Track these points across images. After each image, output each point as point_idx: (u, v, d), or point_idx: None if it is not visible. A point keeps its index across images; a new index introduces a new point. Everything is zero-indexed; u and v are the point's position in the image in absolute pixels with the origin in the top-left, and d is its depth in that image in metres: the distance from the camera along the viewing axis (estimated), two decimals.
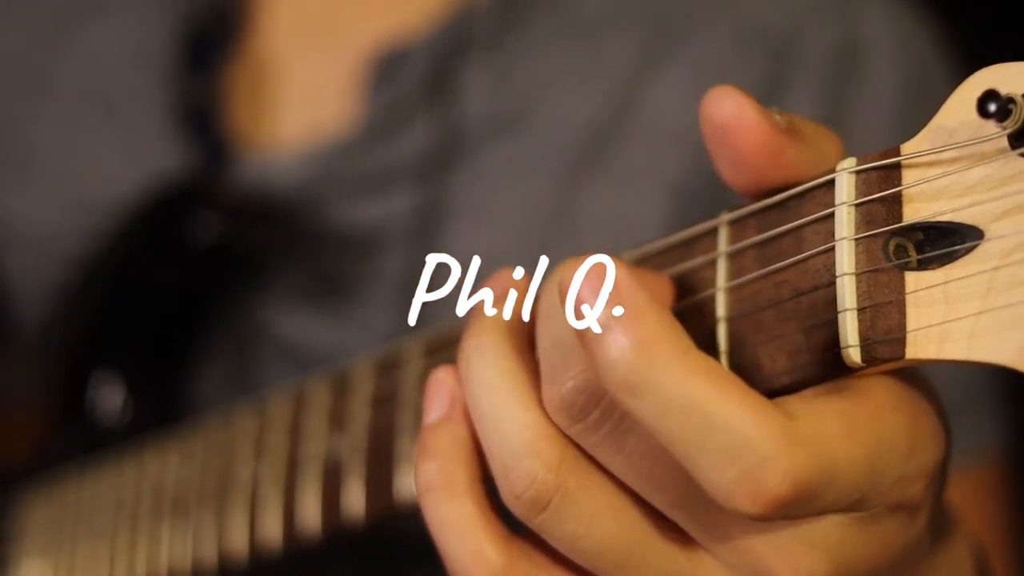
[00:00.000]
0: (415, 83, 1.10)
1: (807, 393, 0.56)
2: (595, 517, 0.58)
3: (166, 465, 0.96)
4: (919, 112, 0.56)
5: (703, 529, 0.58)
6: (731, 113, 0.57)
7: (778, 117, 0.58)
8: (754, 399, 0.53)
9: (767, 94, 1.07)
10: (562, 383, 0.57)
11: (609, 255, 0.55)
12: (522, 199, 1.08)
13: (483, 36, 1.10)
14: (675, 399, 0.52)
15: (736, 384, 0.53)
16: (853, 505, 0.56)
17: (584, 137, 1.08)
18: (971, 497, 1.08)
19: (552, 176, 1.08)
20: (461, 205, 1.08)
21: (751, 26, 1.08)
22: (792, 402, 0.55)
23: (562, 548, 0.59)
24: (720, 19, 1.09)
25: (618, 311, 0.53)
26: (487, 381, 0.59)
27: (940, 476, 0.60)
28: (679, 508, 0.58)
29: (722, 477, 0.52)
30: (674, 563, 0.58)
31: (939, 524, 0.64)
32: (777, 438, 0.52)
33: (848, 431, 0.54)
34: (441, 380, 0.63)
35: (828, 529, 0.57)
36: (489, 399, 0.59)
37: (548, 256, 0.70)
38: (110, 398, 1.08)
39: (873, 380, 0.56)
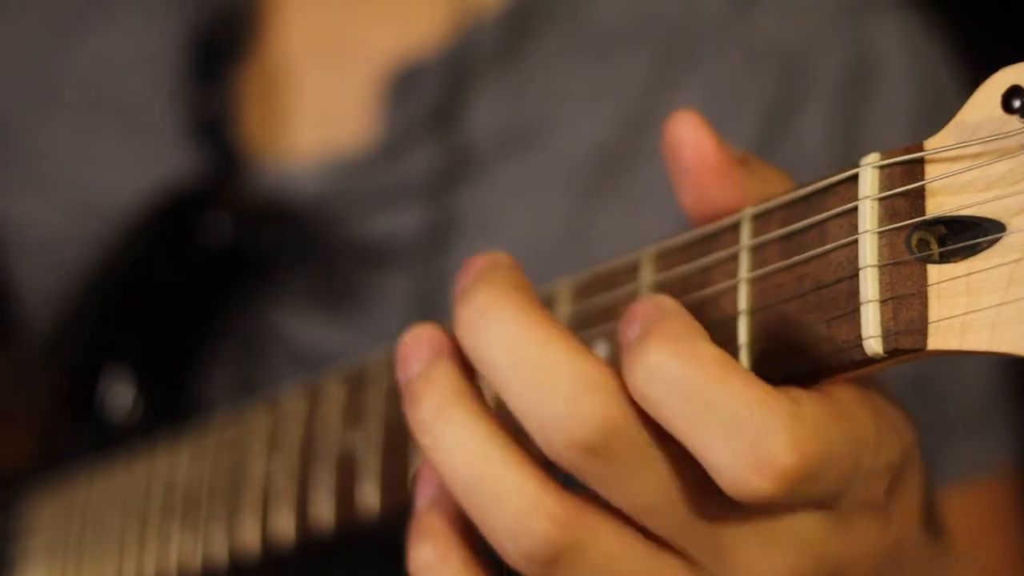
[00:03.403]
0: (430, 101, 1.10)
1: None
2: (607, 562, 0.58)
3: (177, 462, 0.97)
4: (934, 126, 0.57)
5: (702, 545, 0.59)
6: (689, 133, 0.64)
7: (732, 147, 0.64)
8: (760, 383, 0.55)
9: (780, 113, 1.07)
10: (579, 422, 0.56)
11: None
12: (533, 217, 1.08)
13: (492, 53, 1.10)
14: (686, 386, 0.54)
15: (741, 370, 0.55)
16: (839, 494, 0.58)
17: (596, 156, 1.09)
18: (988, 508, 1.09)
19: (564, 194, 1.09)
20: (472, 222, 1.09)
21: (763, 45, 1.09)
22: (792, 389, 0.57)
23: None
24: (732, 38, 1.09)
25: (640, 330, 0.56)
26: (465, 451, 0.58)
27: (907, 475, 0.62)
28: (683, 532, 0.59)
29: (726, 451, 0.54)
30: None
31: (934, 543, 0.65)
32: (782, 414, 0.54)
33: (837, 415, 0.57)
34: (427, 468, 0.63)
35: (812, 530, 0.59)
36: (473, 469, 0.58)
37: (559, 275, 0.72)
38: (120, 398, 1.09)
39: (833, 384, 0.59)
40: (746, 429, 0.54)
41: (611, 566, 0.58)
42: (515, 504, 0.57)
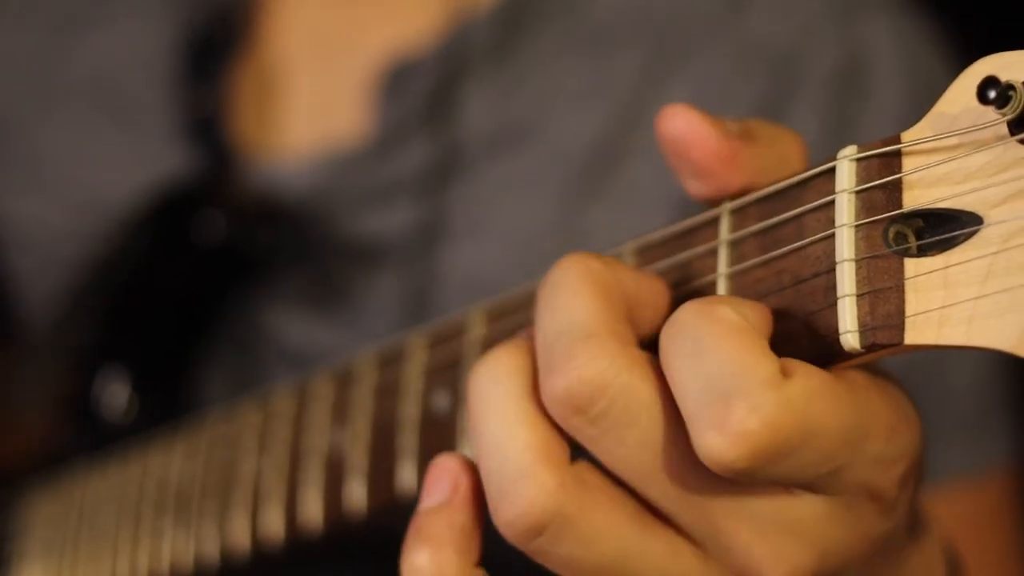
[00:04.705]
0: (422, 97, 1.10)
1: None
2: (594, 538, 0.57)
3: (169, 461, 0.97)
4: None
5: (694, 520, 0.58)
6: (683, 127, 0.60)
7: (731, 124, 0.61)
8: (754, 348, 0.54)
9: (770, 110, 1.07)
10: (567, 373, 0.56)
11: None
12: (523, 214, 1.08)
13: (485, 49, 1.10)
14: (693, 340, 0.54)
15: (745, 333, 0.54)
16: (827, 476, 0.56)
17: (586, 153, 1.08)
18: (985, 508, 1.08)
19: (554, 192, 1.08)
20: (462, 219, 1.08)
21: (754, 43, 1.08)
22: (791, 361, 0.55)
23: (557, 569, 0.58)
24: (722, 35, 1.09)
25: None
26: (493, 403, 0.59)
27: (916, 469, 0.60)
28: (674, 500, 0.58)
29: (700, 402, 0.54)
30: (668, 568, 0.58)
31: (914, 522, 0.64)
32: (757, 378, 0.53)
33: (833, 395, 0.55)
34: (445, 466, 0.62)
35: (810, 516, 0.57)
36: (492, 421, 0.58)
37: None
38: (116, 397, 1.09)
39: (849, 368, 0.57)
40: (722, 387, 0.53)
41: (599, 542, 0.57)
42: (514, 462, 0.57)
